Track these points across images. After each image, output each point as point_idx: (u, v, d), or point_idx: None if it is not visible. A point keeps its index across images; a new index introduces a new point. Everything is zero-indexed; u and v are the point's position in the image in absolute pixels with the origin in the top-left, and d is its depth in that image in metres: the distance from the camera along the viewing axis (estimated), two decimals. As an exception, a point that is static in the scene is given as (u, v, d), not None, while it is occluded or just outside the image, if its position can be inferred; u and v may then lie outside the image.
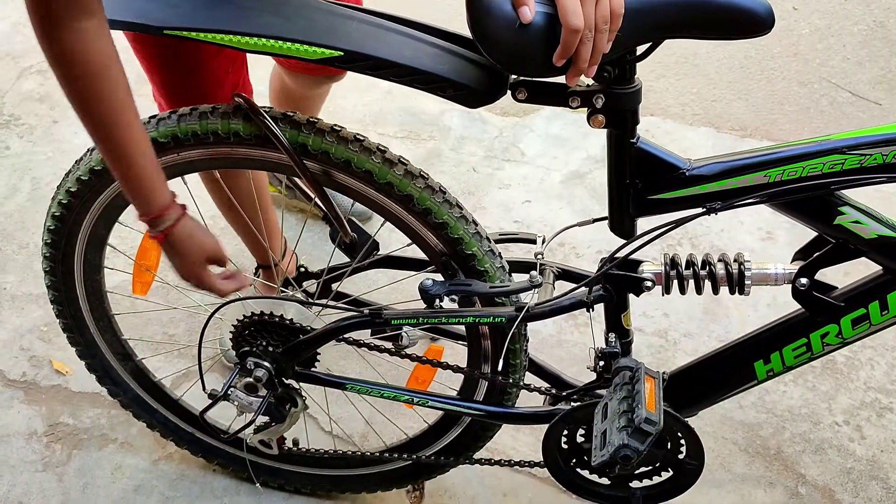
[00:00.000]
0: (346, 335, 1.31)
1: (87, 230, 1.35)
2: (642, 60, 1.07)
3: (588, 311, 1.23)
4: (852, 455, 1.72)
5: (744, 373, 1.26)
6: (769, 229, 2.17)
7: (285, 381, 1.38)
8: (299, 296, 1.45)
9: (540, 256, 1.31)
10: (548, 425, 1.32)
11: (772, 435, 1.75)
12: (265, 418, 1.39)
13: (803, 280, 1.15)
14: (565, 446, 1.34)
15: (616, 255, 1.17)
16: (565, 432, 1.32)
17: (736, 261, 1.17)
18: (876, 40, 2.81)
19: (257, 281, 1.81)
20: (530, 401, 1.43)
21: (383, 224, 1.28)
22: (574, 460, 1.35)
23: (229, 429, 1.51)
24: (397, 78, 1.09)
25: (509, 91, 1.11)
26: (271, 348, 1.34)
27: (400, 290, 1.75)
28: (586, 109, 1.10)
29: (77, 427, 1.77)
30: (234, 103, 1.20)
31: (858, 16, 2.90)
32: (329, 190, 1.25)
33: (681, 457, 1.28)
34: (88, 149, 1.30)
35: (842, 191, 1.09)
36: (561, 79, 1.04)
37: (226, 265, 1.24)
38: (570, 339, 1.93)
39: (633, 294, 1.22)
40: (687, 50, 2.77)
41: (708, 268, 1.17)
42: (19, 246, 2.16)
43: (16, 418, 1.79)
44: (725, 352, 1.28)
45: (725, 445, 1.73)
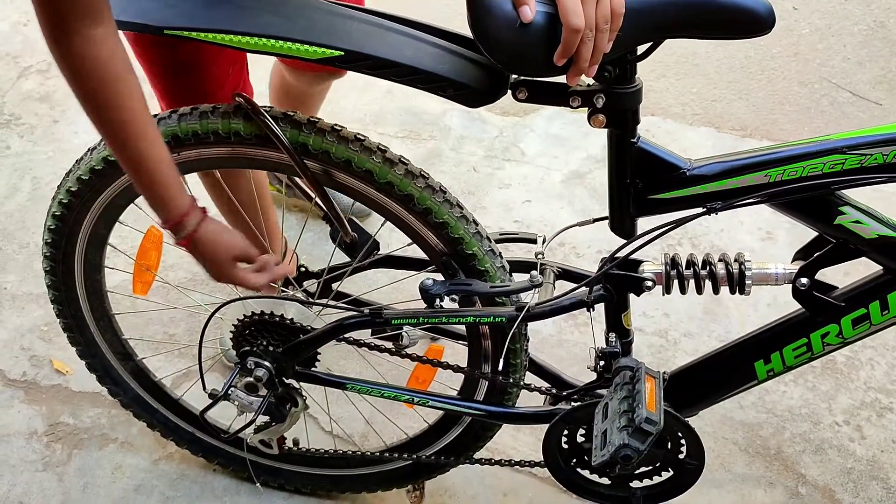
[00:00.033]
0: (347, 335, 1.31)
1: (87, 230, 1.35)
2: (643, 60, 1.07)
3: (588, 310, 1.23)
4: (852, 455, 1.72)
5: (744, 373, 1.26)
6: (769, 229, 2.17)
7: (286, 381, 1.38)
8: (300, 295, 1.45)
9: (540, 256, 1.31)
10: (548, 425, 1.32)
11: (772, 435, 1.75)
12: (265, 418, 1.39)
13: (804, 280, 1.15)
14: (566, 446, 1.34)
15: (616, 255, 1.17)
16: (566, 432, 1.32)
17: (736, 261, 1.17)
18: (876, 40, 2.81)
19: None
20: (531, 401, 1.43)
21: (384, 224, 1.28)
22: (574, 460, 1.35)
23: (230, 428, 1.51)
24: (398, 77, 1.09)
25: (510, 91, 1.11)
26: (272, 348, 1.34)
27: (400, 290, 1.75)
28: (587, 109, 1.10)
29: (77, 427, 1.77)
30: (234, 103, 1.20)
31: (859, 16, 2.90)
32: (329, 189, 1.25)
33: (681, 457, 1.28)
34: (89, 148, 1.30)
35: (842, 191, 1.10)
36: (561, 78, 1.04)
37: (255, 261, 1.23)
38: (571, 339, 1.93)
39: (633, 294, 1.22)
40: (687, 50, 2.77)
41: (708, 267, 1.17)
42: (20, 245, 2.16)
43: (16, 418, 1.79)
44: (726, 352, 1.28)
45: (726, 445, 1.73)
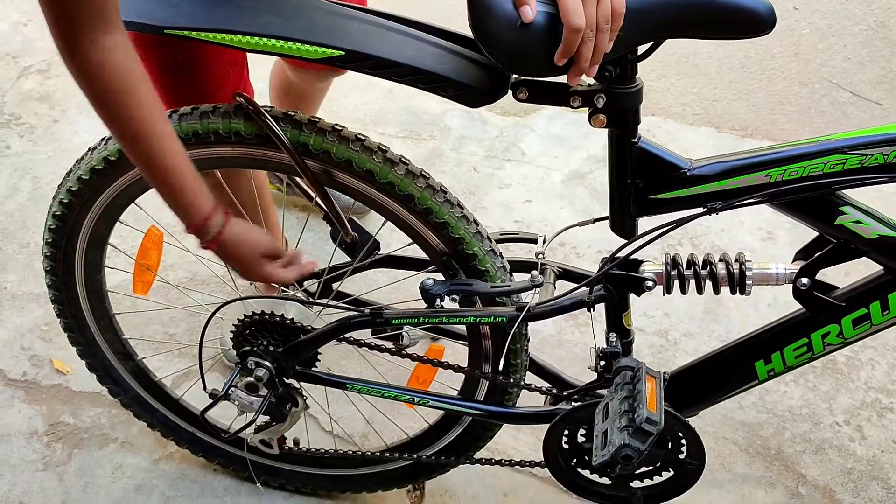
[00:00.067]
0: (347, 335, 1.31)
1: (88, 229, 1.35)
2: (643, 60, 1.07)
3: (589, 310, 1.23)
4: (853, 455, 1.72)
5: (745, 373, 1.26)
6: (770, 229, 2.17)
7: (286, 381, 1.37)
8: (300, 295, 1.45)
9: (541, 256, 1.31)
10: (549, 425, 1.32)
11: (772, 435, 1.75)
12: (266, 418, 1.39)
13: (804, 280, 1.15)
14: (566, 446, 1.34)
15: (617, 255, 1.17)
16: (566, 432, 1.32)
17: (737, 261, 1.17)
18: (877, 40, 2.81)
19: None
20: (531, 400, 1.43)
21: (384, 224, 1.28)
22: (575, 460, 1.35)
23: (230, 428, 1.51)
24: (399, 77, 1.09)
25: (510, 91, 1.11)
26: (272, 348, 1.34)
27: (401, 290, 1.75)
28: (587, 109, 1.10)
29: (78, 426, 1.77)
30: (235, 103, 1.20)
31: (859, 16, 2.90)
32: (329, 189, 1.25)
33: (681, 457, 1.28)
34: (89, 148, 1.30)
35: (843, 191, 1.09)
36: (562, 78, 1.04)
37: (282, 256, 1.22)
38: (571, 339, 1.93)
39: (634, 294, 1.22)
40: (688, 50, 2.77)
41: (709, 267, 1.17)
42: (20, 245, 2.16)
43: (16, 418, 1.79)
44: (726, 352, 1.28)
45: (726, 445, 1.73)
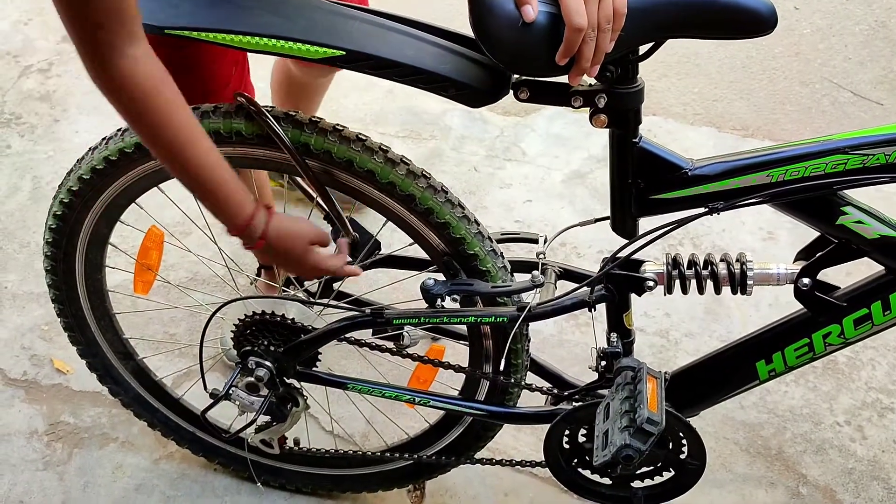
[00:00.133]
0: (348, 335, 1.31)
1: (88, 229, 1.35)
2: (645, 60, 1.07)
3: (590, 310, 1.23)
4: (853, 455, 1.72)
5: (745, 373, 1.26)
6: (771, 229, 2.17)
7: (287, 381, 1.37)
8: (301, 295, 1.45)
9: (541, 256, 1.31)
10: (549, 425, 1.31)
11: (773, 435, 1.75)
12: (266, 418, 1.39)
13: (805, 280, 1.15)
14: (567, 446, 1.34)
15: (618, 255, 1.16)
16: (567, 432, 1.32)
17: (738, 261, 1.16)
18: (877, 40, 2.81)
19: (259, 280, 1.81)
20: (532, 401, 1.43)
21: (385, 224, 1.27)
22: (576, 460, 1.35)
23: (230, 428, 1.51)
24: (399, 77, 1.09)
25: (511, 90, 1.11)
26: (273, 348, 1.34)
27: (401, 290, 1.75)
28: (588, 109, 1.10)
29: (78, 426, 1.77)
30: (236, 103, 1.20)
31: (860, 16, 2.90)
32: (330, 189, 1.25)
33: (682, 457, 1.28)
34: (90, 147, 1.30)
35: (844, 191, 1.09)
36: (563, 78, 1.04)
37: (328, 243, 1.20)
38: (572, 339, 1.93)
39: (634, 294, 1.22)
40: (689, 50, 2.76)
41: (710, 267, 1.17)
42: (20, 245, 2.16)
43: (17, 417, 1.79)
44: (727, 352, 1.28)
45: (727, 445, 1.73)
